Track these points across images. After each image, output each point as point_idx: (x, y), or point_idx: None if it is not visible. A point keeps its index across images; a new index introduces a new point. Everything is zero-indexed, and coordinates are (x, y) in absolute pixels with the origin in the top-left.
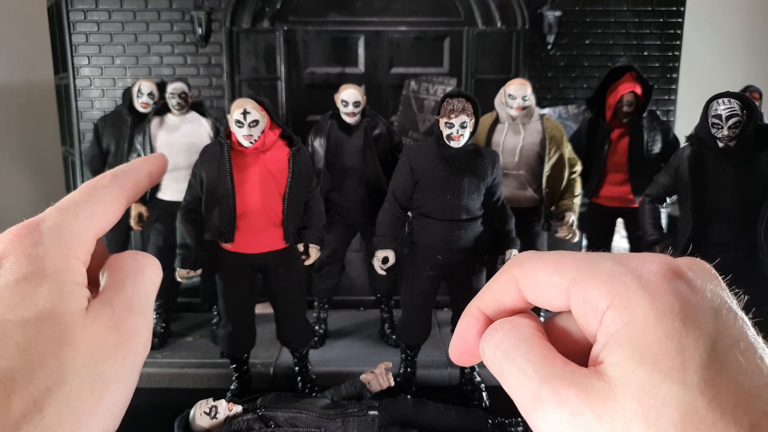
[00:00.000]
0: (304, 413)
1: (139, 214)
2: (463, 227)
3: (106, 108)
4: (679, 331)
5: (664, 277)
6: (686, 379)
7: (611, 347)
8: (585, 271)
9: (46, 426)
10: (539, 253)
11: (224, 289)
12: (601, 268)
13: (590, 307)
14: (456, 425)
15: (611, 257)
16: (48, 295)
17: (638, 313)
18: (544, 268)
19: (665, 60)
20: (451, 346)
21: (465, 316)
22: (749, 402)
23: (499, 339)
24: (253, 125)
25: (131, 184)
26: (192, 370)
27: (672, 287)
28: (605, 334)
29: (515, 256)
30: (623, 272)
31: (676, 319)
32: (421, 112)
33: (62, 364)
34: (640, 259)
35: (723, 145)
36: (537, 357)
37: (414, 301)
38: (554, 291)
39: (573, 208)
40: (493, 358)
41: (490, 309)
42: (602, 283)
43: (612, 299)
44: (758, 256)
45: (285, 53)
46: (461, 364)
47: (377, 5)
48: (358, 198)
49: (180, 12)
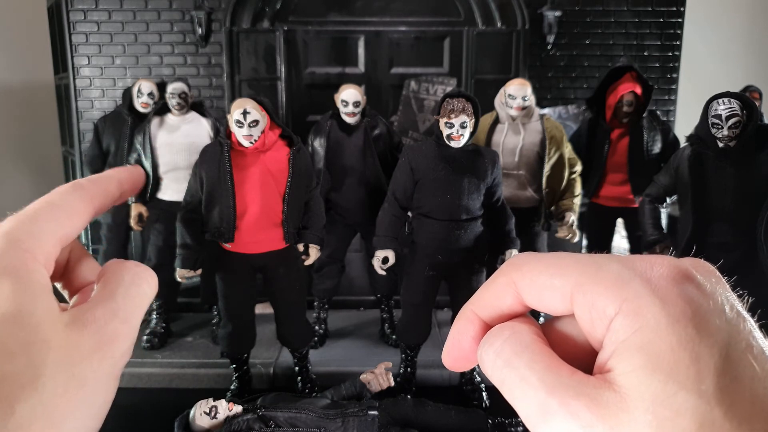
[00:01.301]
0: (304, 413)
1: (139, 214)
2: (463, 227)
3: (106, 108)
4: (692, 338)
5: (674, 281)
6: (701, 388)
7: (621, 355)
8: (590, 275)
9: (17, 423)
10: (538, 255)
11: (224, 289)
12: (608, 272)
13: (597, 312)
14: (456, 425)
15: (617, 260)
16: (11, 295)
17: (649, 320)
18: (544, 271)
19: (665, 60)
20: (445, 351)
21: (459, 320)
22: (765, 409)
23: (500, 347)
24: (253, 125)
25: (99, 192)
26: (192, 370)
27: (683, 292)
28: (614, 341)
29: (512, 258)
30: (631, 276)
31: (689, 325)
32: (421, 112)
33: (33, 362)
34: (648, 261)
35: (723, 145)
36: (541, 366)
37: (414, 301)
38: (556, 295)
39: (573, 208)
40: (493, 367)
41: (485, 313)
42: (609, 287)
43: (621, 305)
44: (758, 256)
45: (285, 53)
46: (455, 369)
47: (377, 5)
48: (358, 198)
49: (180, 12)
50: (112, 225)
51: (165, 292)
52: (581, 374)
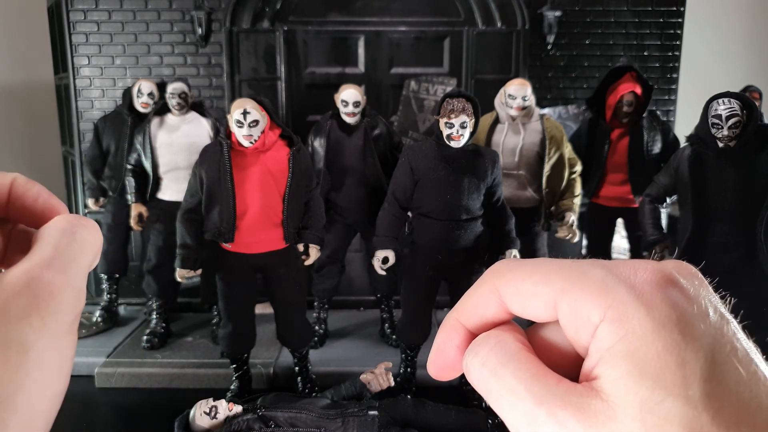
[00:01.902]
0: (304, 413)
1: (139, 214)
2: (463, 227)
3: (106, 108)
4: (678, 343)
5: (658, 286)
6: (689, 394)
7: (607, 362)
8: (574, 282)
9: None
10: (521, 262)
11: (224, 289)
12: (591, 278)
13: (581, 319)
14: (456, 425)
15: (600, 265)
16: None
17: (635, 326)
18: (528, 279)
19: (665, 60)
20: (430, 360)
21: (443, 329)
22: (751, 413)
23: (485, 356)
24: (253, 125)
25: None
26: (192, 370)
27: (667, 296)
28: (599, 348)
29: (495, 265)
30: (615, 282)
31: (674, 330)
32: (421, 112)
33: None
34: (631, 266)
35: (723, 145)
36: (527, 375)
37: (414, 301)
38: (540, 302)
39: (573, 208)
40: (479, 377)
41: (470, 321)
42: (594, 294)
43: (605, 311)
44: (758, 256)
45: (285, 53)
46: (440, 378)
47: (377, 5)
48: (358, 198)
49: (180, 12)
50: (112, 225)
51: (165, 292)
52: (568, 382)
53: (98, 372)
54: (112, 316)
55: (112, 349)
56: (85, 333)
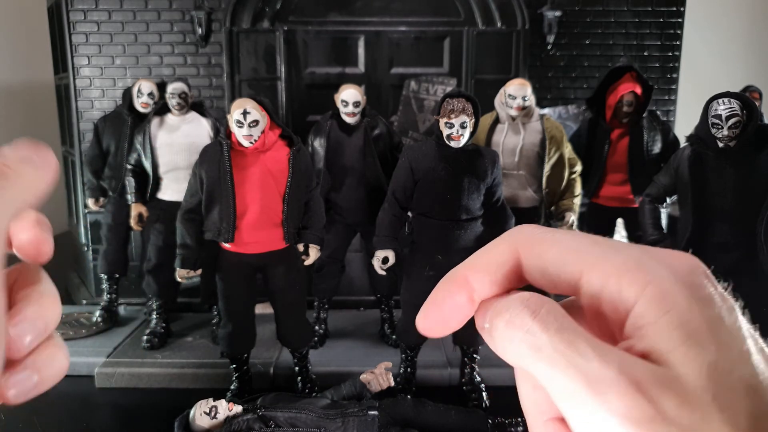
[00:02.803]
0: (304, 413)
1: (139, 214)
2: (463, 227)
3: (106, 108)
4: (725, 319)
5: (695, 273)
6: (752, 361)
7: (657, 335)
8: (609, 257)
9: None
10: (548, 229)
11: (224, 289)
12: (627, 256)
13: (611, 294)
14: (456, 425)
15: (635, 245)
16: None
17: (680, 302)
18: (557, 246)
19: (665, 60)
20: (421, 313)
21: (447, 281)
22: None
23: (545, 315)
24: (253, 125)
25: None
26: (192, 370)
27: (703, 283)
28: (640, 324)
29: (518, 227)
30: (653, 262)
31: (721, 309)
32: (421, 112)
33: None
34: (666, 252)
35: (723, 145)
36: (586, 336)
37: (414, 301)
38: (564, 272)
39: (573, 208)
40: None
41: (478, 279)
42: (631, 270)
43: (644, 288)
44: (758, 256)
45: (285, 53)
46: (429, 334)
47: (377, 5)
48: (358, 198)
49: (180, 12)
50: (112, 225)
51: (165, 292)
52: (624, 351)
53: (98, 372)
54: (112, 316)
55: (112, 349)
56: (85, 333)
